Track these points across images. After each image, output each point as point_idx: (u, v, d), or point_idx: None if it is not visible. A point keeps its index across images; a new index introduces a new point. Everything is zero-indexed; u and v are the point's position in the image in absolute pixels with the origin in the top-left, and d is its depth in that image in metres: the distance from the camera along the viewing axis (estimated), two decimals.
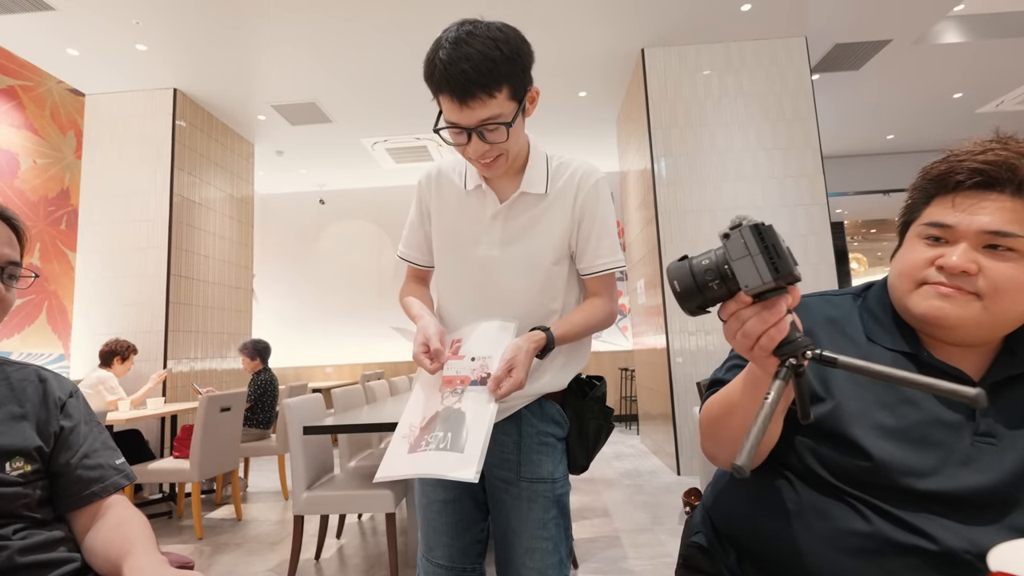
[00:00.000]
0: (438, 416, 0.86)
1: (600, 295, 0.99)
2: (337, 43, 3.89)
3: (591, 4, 3.57)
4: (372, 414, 2.33)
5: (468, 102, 0.81)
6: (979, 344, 0.64)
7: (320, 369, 7.01)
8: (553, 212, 0.95)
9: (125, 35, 3.70)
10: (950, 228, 0.61)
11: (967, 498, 0.59)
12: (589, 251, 0.97)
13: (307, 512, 2.13)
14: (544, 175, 0.96)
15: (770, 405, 0.50)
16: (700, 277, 0.55)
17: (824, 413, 0.65)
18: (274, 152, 5.86)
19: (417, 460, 0.83)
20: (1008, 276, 0.58)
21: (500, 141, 0.86)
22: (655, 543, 2.53)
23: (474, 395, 0.86)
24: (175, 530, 3.02)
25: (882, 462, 0.62)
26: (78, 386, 0.87)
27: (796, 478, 0.68)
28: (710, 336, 3.88)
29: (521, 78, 0.85)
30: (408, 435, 0.87)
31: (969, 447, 0.61)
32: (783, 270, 0.49)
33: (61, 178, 4.23)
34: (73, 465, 0.79)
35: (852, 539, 0.62)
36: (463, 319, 0.99)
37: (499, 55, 0.81)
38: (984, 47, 4.33)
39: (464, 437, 0.82)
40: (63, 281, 4.20)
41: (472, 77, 0.79)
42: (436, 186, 1.01)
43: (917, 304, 0.63)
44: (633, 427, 6.01)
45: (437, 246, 1.02)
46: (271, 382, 3.94)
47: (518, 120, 0.87)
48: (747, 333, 0.54)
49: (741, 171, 4.02)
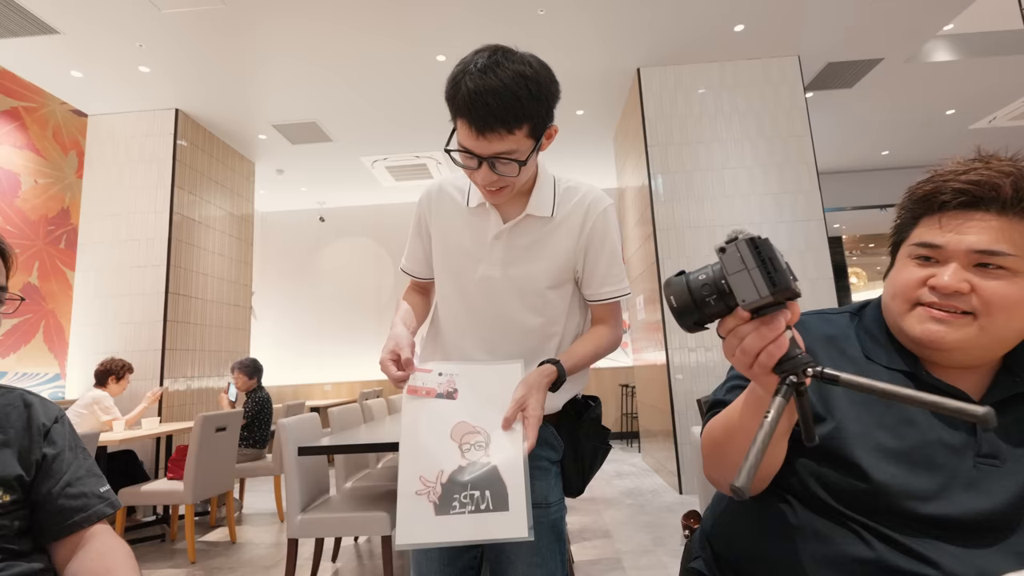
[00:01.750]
0: (463, 472, 0.80)
1: (606, 322, 0.98)
2: (338, 63, 3.94)
3: (588, 24, 3.63)
4: (370, 434, 2.30)
5: (486, 134, 0.80)
6: (977, 364, 0.63)
7: (319, 387, 6.96)
8: (559, 236, 0.94)
9: (128, 58, 3.76)
10: (939, 248, 0.61)
11: (971, 523, 0.58)
12: (597, 279, 0.95)
13: (301, 535, 2.09)
14: (551, 198, 0.94)
15: (770, 423, 0.48)
16: (697, 292, 0.54)
17: (825, 434, 0.64)
18: (274, 171, 5.90)
19: (453, 524, 0.76)
20: (1001, 294, 0.58)
21: (511, 175, 0.85)
22: (657, 565, 2.48)
23: (499, 445, 0.81)
24: (167, 554, 2.96)
25: (883, 485, 0.60)
26: (65, 412, 0.85)
27: (798, 502, 0.66)
28: (710, 352, 3.86)
29: (543, 118, 0.84)
30: (425, 492, 0.79)
31: (972, 469, 0.60)
32: (780, 284, 0.48)
33: (62, 197, 4.25)
34: (55, 494, 0.77)
35: (854, 566, 0.60)
36: (461, 338, 0.98)
37: (526, 94, 0.79)
38: (975, 65, 4.40)
39: (505, 494, 0.77)
40: (61, 300, 4.19)
41: (495, 112, 0.78)
42: (436, 204, 1.00)
43: (912, 327, 0.63)
44: (634, 444, 5.94)
45: (437, 264, 1.01)
46: (267, 400, 3.90)
47: (532, 156, 0.86)
48: (746, 350, 0.53)
49: (738, 187, 4.04)
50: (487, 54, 0.81)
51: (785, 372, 0.51)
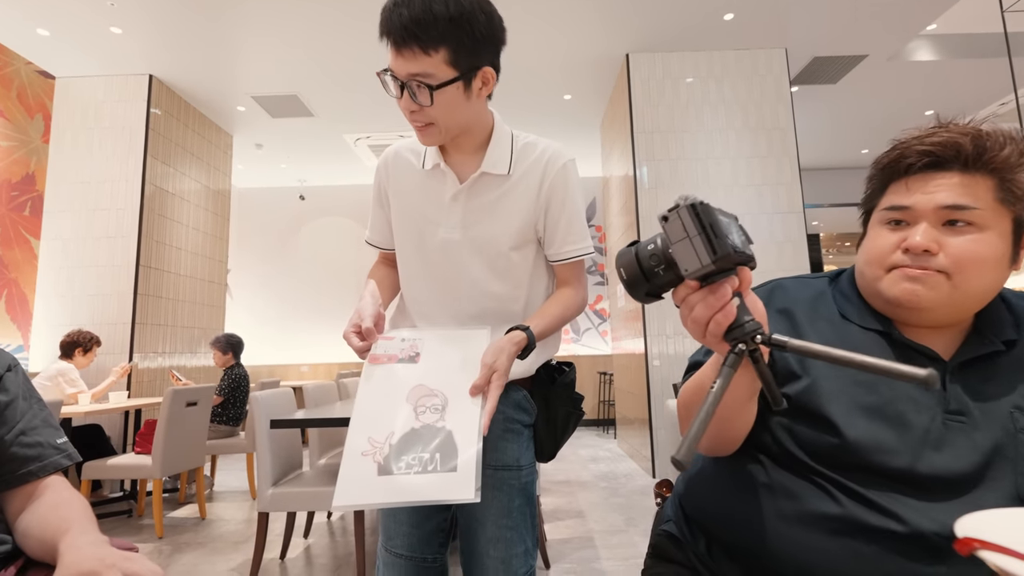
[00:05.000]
0: (416, 434, 0.77)
1: (570, 283, 0.97)
2: (321, 35, 3.83)
3: (578, 7, 3.59)
4: (344, 410, 2.28)
5: (401, 50, 0.78)
6: (950, 324, 0.65)
7: (295, 368, 6.87)
8: (517, 194, 0.91)
9: (99, 17, 3.59)
10: (908, 209, 0.63)
11: (937, 479, 0.59)
12: (558, 237, 0.93)
13: (272, 509, 2.06)
14: (508, 155, 0.92)
15: (715, 394, 0.46)
16: (646, 263, 0.53)
17: (800, 390, 0.65)
18: (253, 145, 5.74)
19: (396, 485, 0.73)
20: (968, 249, 0.60)
21: (424, 104, 0.81)
22: (628, 544, 2.52)
23: (456, 409, 0.79)
24: (134, 529, 2.90)
25: (855, 440, 0.61)
26: (19, 361, 0.81)
27: (770, 460, 0.67)
28: (687, 339, 3.91)
29: (467, 46, 0.80)
30: (371, 452, 0.76)
31: (940, 426, 0.61)
32: (721, 251, 0.47)
33: (27, 162, 4.07)
34: (8, 442, 0.73)
35: (822, 521, 0.61)
36: (425, 304, 0.96)
37: (442, 11, 0.76)
38: (956, 66, 4.48)
39: (456, 455, 0.75)
40: (25, 269, 4.04)
41: (406, 23, 0.76)
42: (393, 168, 0.98)
43: (889, 289, 0.64)
44: (610, 431, 6.01)
45: (396, 229, 0.98)
46: (244, 377, 3.84)
47: (454, 92, 0.82)
48: (695, 319, 0.52)
49: (721, 177, 4.07)
50: None
51: (735, 340, 0.50)
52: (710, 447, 0.69)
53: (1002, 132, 0.62)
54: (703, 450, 0.71)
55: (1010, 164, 0.61)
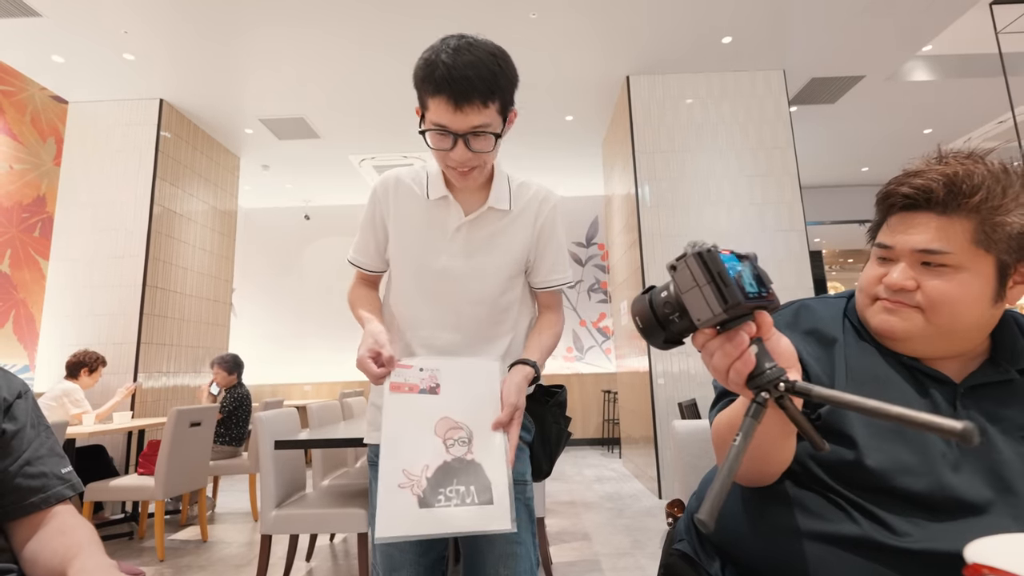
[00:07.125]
0: (449, 468, 0.82)
1: (553, 308, 1.07)
2: (327, 60, 3.92)
3: (579, 31, 3.67)
4: (349, 430, 2.27)
5: (464, 107, 0.83)
6: (952, 355, 0.66)
7: (298, 387, 6.85)
8: (516, 228, 1.00)
9: (113, 44, 3.69)
10: (890, 248, 0.67)
11: (953, 501, 0.60)
12: (546, 266, 1.03)
13: (275, 531, 2.04)
14: (507, 193, 1.00)
15: (737, 448, 0.44)
16: (660, 311, 0.52)
17: (825, 411, 0.66)
18: (260, 166, 5.83)
19: (437, 517, 0.78)
20: (942, 291, 0.62)
21: (485, 151, 0.89)
22: (635, 567, 2.48)
23: (482, 442, 0.84)
24: (135, 552, 2.87)
25: (878, 461, 0.62)
26: (30, 387, 0.82)
27: (790, 479, 0.68)
28: (691, 358, 3.90)
29: (510, 97, 0.90)
30: (408, 485, 0.80)
31: (956, 449, 0.62)
32: (731, 300, 0.45)
33: (38, 184, 4.14)
34: (12, 472, 0.73)
35: (841, 541, 0.61)
36: (423, 327, 0.99)
37: (498, 69, 0.85)
38: (952, 85, 4.54)
39: (489, 488, 0.81)
40: (33, 289, 4.08)
41: (475, 83, 0.83)
42: (394, 194, 1.01)
43: (872, 318, 0.68)
44: (615, 450, 5.95)
45: (394, 254, 1.02)
46: (246, 397, 3.83)
47: (500, 136, 0.91)
48: (715, 367, 0.52)
49: (722, 196, 4.10)
50: (455, 38, 0.86)
51: (757, 388, 0.49)
52: (748, 480, 0.68)
53: (985, 171, 0.61)
54: (741, 481, 0.69)
55: (990, 206, 0.60)
